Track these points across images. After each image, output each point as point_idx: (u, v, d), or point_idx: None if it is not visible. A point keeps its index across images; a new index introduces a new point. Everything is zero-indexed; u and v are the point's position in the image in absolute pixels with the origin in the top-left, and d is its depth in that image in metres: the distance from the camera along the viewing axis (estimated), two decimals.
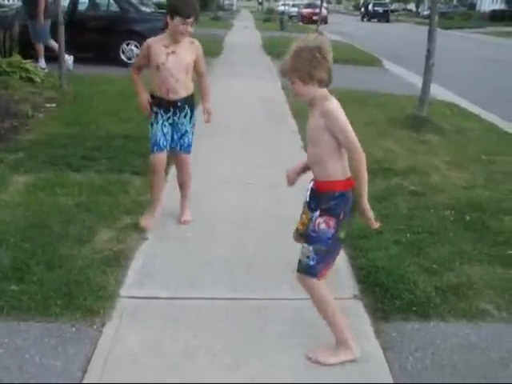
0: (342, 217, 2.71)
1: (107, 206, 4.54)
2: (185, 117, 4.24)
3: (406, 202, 5.02)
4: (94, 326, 3.08)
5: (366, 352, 2.98)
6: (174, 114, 4.19)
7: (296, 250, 2.92)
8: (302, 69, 2.66)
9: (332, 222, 2.71)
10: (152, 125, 4.19)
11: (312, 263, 2.73)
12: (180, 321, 3.15)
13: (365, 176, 2.69)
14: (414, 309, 3.34)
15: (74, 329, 3.04)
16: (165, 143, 4.19)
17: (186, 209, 4.42)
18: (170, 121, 4.20)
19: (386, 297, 3.44)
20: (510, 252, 4.12)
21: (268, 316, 3.25)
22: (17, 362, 2.76)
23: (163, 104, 4.15)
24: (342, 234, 2.76)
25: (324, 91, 2.73)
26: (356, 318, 3.29)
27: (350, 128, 2.65)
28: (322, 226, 2.71)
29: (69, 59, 10.62)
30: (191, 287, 3.51)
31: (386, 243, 4.11)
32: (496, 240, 4.31)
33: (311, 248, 2.74)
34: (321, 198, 2.74)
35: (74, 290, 3.33)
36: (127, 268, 3.68)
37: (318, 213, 2.73)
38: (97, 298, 3.28)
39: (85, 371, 2.72)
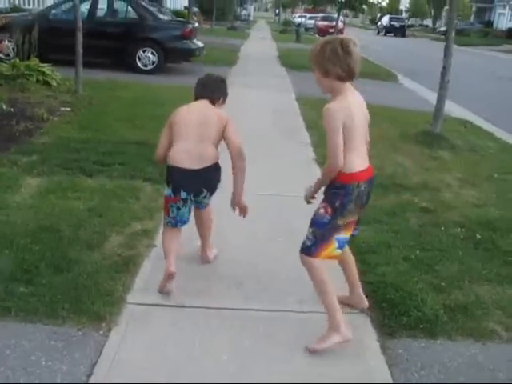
0: (338, 206, 2.88)
1: (118, 212, 4.56)
2: None
3: (417, 219, 5.00)
4: (101, 331, 3.08)
5: (372, 367, 2.97)
6: None
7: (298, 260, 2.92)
8: (322, 63, 2.85)
9: (329, 209, 2.91)
10: None
11: (309, 244, 2.98)
12: (186, 329, 3.16)
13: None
14: (422, 326, 3.32)
15: (80, 333, 3.05)
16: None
17: (208, 250, 3.96)
18: None
19: (394, 313, 3.42)
20: None
21: (274, 327, 3.25)
22: (22, 364, 2.77)
23: None
24: (340, 221, 2.92)
25: (342, 86, 2.88)
26: (363, 333, 3.27)
27: (333, 135, 2.80)
28: (321, 210, 2.94)
29: None
30: (198, 296, 3.51)
31: (395, 259, 4.10)
32: (506, 259, 4.28)
33: (310, 230, 2.98)
34: (327, 187, 2.97)
35: (82, 294, 3.35)
36: (135, 274, 3.69)
37: (322, 199, 3.00)
38: (104, 303, 3.29)
39: (90, 375, 2.73)
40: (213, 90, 3.66)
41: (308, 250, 2.98)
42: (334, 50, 2.80)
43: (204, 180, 3.49)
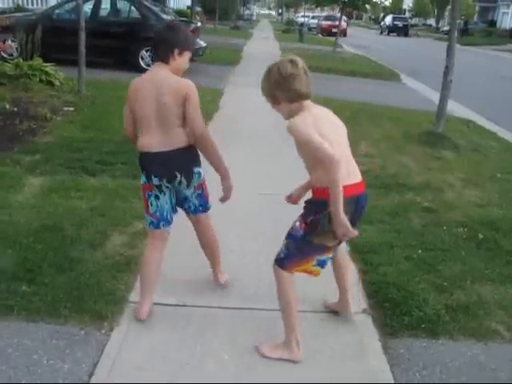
0: (310, 222, 2.76)
1: (121, 211, 4.57)
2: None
3: (419, 218, 5.00)
4: (103, 330, 3.09)
5: (374, 367, 2.97)
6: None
7: None
8: (270, 91, 2.81)
9: (303, 224, 2.81)
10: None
11: (282, 255, 2.91)
12: (187, 328, 3.16)
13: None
14: (423, 326, 3.32)
15: (82, 332, 3.06)
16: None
17: (219, 273, 3.66)
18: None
19: (396, 313, 3.42)
20: None
21: (275, 326, 3.24)
22: (24, 363, 2.78)
23: None
24: (315, 240, 2.77)
25: (301, 105, 2.77)
26: (365, 332, 3.28)
27: (311, 140, 2.61)
28: (297, 223, 2.86)
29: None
30: (200, 295, 3.52)
31: (397, 259, 4.10)
32: (508, 259, 4.27)
33: (285, 241, 2.92)
34: (306, 201, 2.89)
35: (84, 294, 3.36)
36: (137, 273, 3.70)
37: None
38: (106, 303, 3.30)
39: (91, 374, 2.74)
40: (157, 46, 3.12)
41: (280, 261, 2.91)
42: (276, 78, 2.75)
43: (174, 162, 3.09)
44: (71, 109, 8.27)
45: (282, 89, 2.75)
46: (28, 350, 2.88)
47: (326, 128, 2.70)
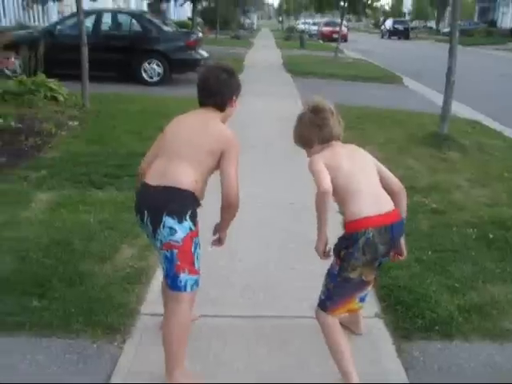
0: (343, 256, 2.67)
1: (129, 224, 4.56)
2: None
3: (428, 220, 4.98)
4: (115, 343, 3.09)
5: (389, 371, 2.95)
6: None
7: (316, 269, 2.91)
8: (302, 135, 2.89)
9: (337, 260, 2.73)
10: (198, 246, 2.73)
11: (323, 297, 2.78)
12: (200, 338, 3.15)
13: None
14: (437, 328, 3.30)
15: (94, 345, 3.06)
16: None
17: (167, 374, 2.74)
18: None
19: (408, 315, 3.41)
20: None
21: (288, 334, 3.24)
22: (38, 379, 2.78)
23: None
24: (352, 274, 2.68)
25: (327, 146, 2.83)
26: (378, 336, 3.26)
27: (314, 169, 2.68)
28: (333, 262, 2.77)
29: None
30: (211, 305, 3.50)
31: (407, 261, 4.06)
32: None
33: (324, 282, 2.80)
34: (338, 238, 2.78)
35: (96, 307, 3.35)
36: (148, 285, 3.70)
37: None
38: (118, 315, 3.30)
39: None
40: (217, 92, 2.78)
41: (323, 304, 2.77)
42: (311, 119, 2.82)
43: (159, 199, 2.57)
44: (76, 123, 8.30)
45: (316, 130, 2.80)
46: (41, 365, 2.88)
47: (342, 162, 2.73)
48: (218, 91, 2.78)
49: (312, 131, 2.82)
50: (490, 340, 3.24)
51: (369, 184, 2.72)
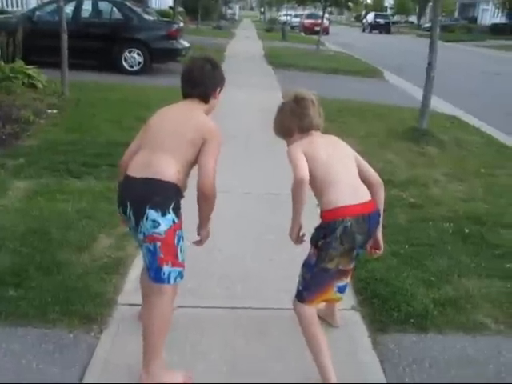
0: (321, 246, 2.66)
1: (107, 213, 4.54)
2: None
3: (405, 214, 5.03)
4: (92, 333, 3.08)
5: (364, 363, 2.98)
6: None
7: (294, 260, 2.92)
8: (282, 125, 2.90)
9: (314, 250, 2.71)
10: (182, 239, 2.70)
11: (300, 288, 2.77)
12: (177, 329, 3.14)
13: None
14: (412, 321, 3.34)
15: (71, 335, 3.05)
16: None
17: (144, 365, 2.70)
18: None
19: (384, 308, 3.45)
20: (508, 265, 4.12)
21: (266, 325, 3.26)
22: (13, 368, 2.76)
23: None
24: (329, 265, 2.68)
25: (307, 135, 2.84)
26: (354, 329, 3.30)
27: (292, 158, 2.69)
28: (309, 251, 2.75)
29: None
30: (189, 296, 3.50)
31: (384, 255, 4.10)
32: (494, 253, 4.32)
33: (300, 272, 2.79)
34: (314, 228, 2.76)
35: (72, 297, 3.33)
36: (126, 275, 3.69)
37: None
38: (95, 305, 3.28)
39: (81, 378, 2.72)
40: (201, 83, 2.79)
41: (300, 295, 2.76)
42: (292, 107, 2.84)
43: (142, 191, 2.57)
44: (55, 111, 8.22)
45: (296, 119, 2.81)
46: (17, 354, 2.86)
47: (320, 151, 2.73)
48: (201, 82, 2.79)
49: (292, 120, 2.83)
50: (464, 333, 3.30)
51: (347, 174, 2.73)
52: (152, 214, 2.52)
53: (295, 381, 2.81)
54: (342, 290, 3.04)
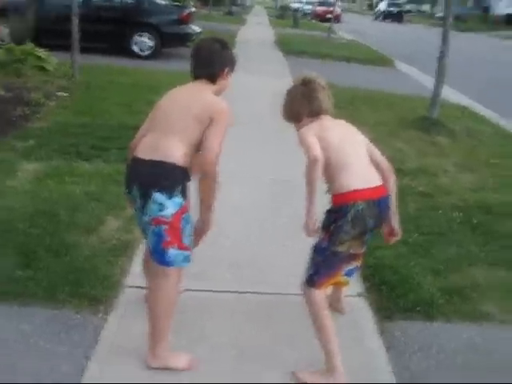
0: (333, 229, 2.65)
1: (115, 196, 4.54)
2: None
3: (415, 203, 5.01)
4: (99, 315, 3.10)
5: (370, 350, 2.99)
6: None
7: (303, 245, 2.92)
8: (292, 109, 2.88)
9: (325, 234, 2.70)
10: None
11: (311, 272, 2.75)
12: (184, 312, 3.15)
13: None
14: (419, 309, 3.34)
15: (79, 316, 3.07)
16: None
17: (150, 348, 2.73)
18: None
19: (391, 296, 3.45)
20: None
21: (274, 310, 3.26)
22: (21, 347, 2.79)
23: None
24: (340, 248, 2.68)
25: (317, 119, 2.82)
26: (360, 315, 3.30)
27: (305, 140, 2.68)
28: (320, 236, 2.74)
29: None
30: (197, 279, 3.50)
31: (393, 243, 4.10)
32: (503, 243, 4.30)
33: (310, 256, 2.78)
34: (325, 212, 2.76)
35: (81, 278, 3.35)
36: (133, 258, 3.70)
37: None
38: (102, 287, 3.30)
39: (88, 358, 2.74)
40: (209, 63, 2.74)
41: (310, 279, 2.73)
42: (302, 90, 2.83)
43: (149, 174, 2.56)
44: (65, 94, 8.22)
45: (305, 102, 2.80)
46: (25, 334, 2.88)
47: (332, 135, 2.73)
48: (209, 62, 2.74)
49: (302, 104, 2.81)
50: (470, 322, 3.30)
51: (358, 159, 2.74)
52: (159, 196, 2.52)
53: (303, 366, 2.81)
54: (349, 273, 3.03)
